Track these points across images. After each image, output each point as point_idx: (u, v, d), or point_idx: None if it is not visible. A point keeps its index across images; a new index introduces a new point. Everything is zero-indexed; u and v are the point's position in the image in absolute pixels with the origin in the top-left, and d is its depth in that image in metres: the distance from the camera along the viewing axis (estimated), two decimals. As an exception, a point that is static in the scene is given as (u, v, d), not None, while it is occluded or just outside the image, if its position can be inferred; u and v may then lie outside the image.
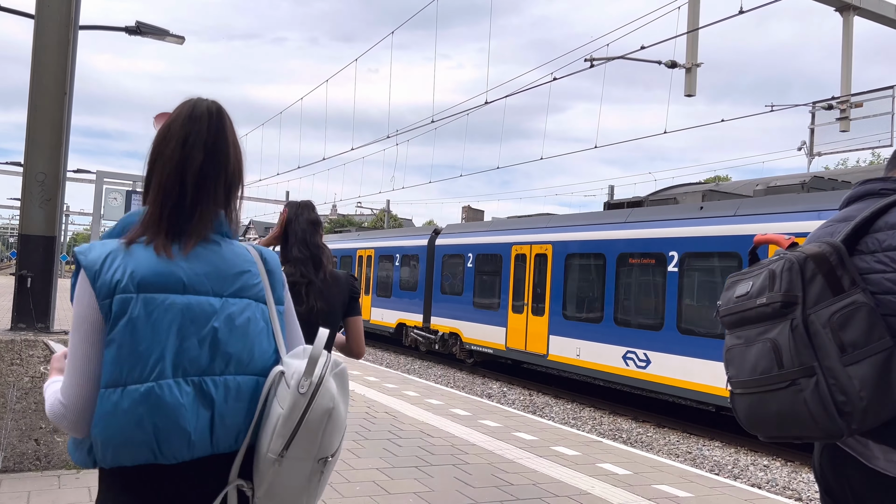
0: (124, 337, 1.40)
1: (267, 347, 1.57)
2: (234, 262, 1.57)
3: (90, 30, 12.51)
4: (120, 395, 1.38)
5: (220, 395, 1.48)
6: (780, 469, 8.72)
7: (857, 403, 1.65)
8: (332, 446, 1.51)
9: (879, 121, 11.47)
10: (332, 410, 1.48)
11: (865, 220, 1.82)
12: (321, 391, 1.47)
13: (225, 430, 1.49)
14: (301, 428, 1.45)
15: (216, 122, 1.61)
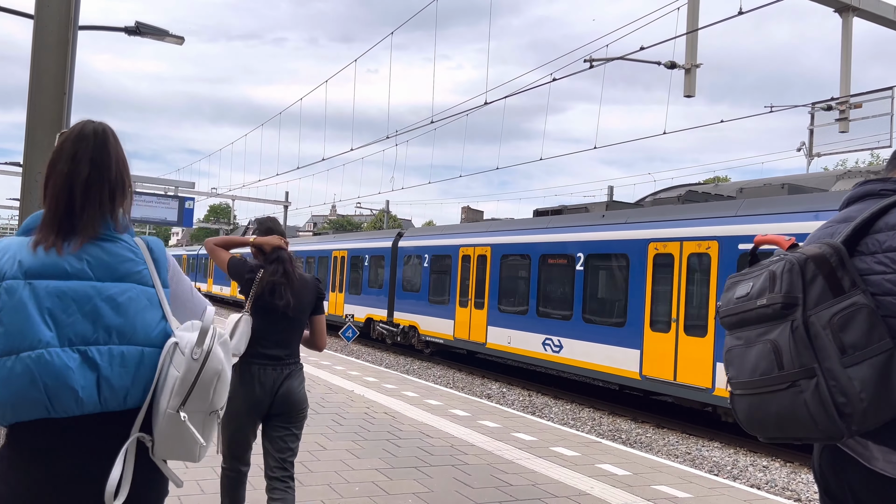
0: (13, 314, 1.67)
1: (150, 322, 1.86)
2: (118, 254, 1.88)
3: (90, 30, 12.50)
4: (14, 361, 1.64)
5: (105, 361, 1.75)
6: (780, 470, 8.73)
7: (857, 405, 1.65)
8: (221, 401, 1.85)
9: (879, 121, 11.47)
10: (221, 372, 1.82)
11: (865, 220, 1.82)
12: (211, 357, 1.79)
13: (111, 390, 1.76)
14: (195, 387, 1.76)
15: (101, 140, 1.93)
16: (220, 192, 43.03)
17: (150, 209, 24.43)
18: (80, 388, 1.69)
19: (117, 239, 1.91)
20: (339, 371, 11.59)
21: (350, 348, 19.59)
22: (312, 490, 5.08)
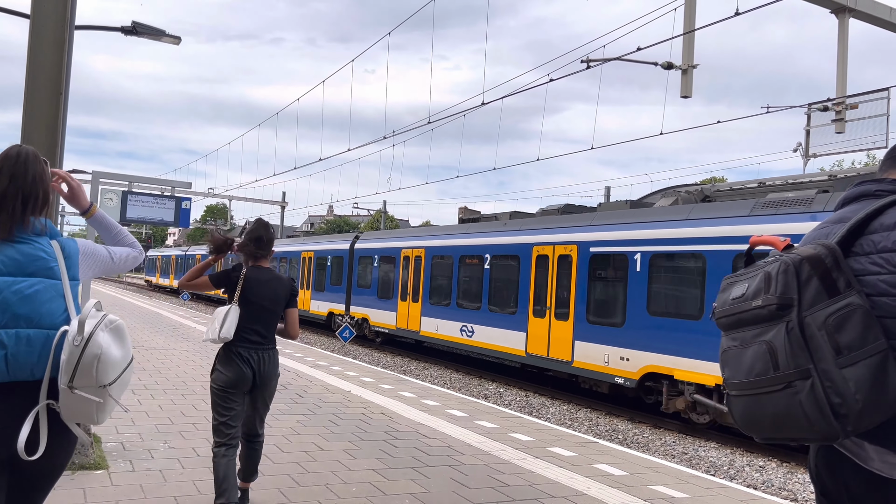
0: None
1: (55, 310, 2.30)
2: (30, 253, 2.30)
3: (86, 30, 12.47)
4: None
5: (12, 341, 2.20)
6: (776, 470, 8.74)
7: (852, 405, 1.65)
8: (108, 378, 2.26)
9: (874, 122, 11.49)
10: (101, 355, 2.23)
11: (860, 221, 1.82)
12: (91, 343, 2.22)
13: (18, 364, 2.21)
14: (78, 369, 2.20)
15: (22, 159, 2.35)
16: (217, 193, 42.96)
17: (147, 209, 24.35)
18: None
19: (31, 241, 2.33)
20: (336, 371, 11.59)
21: (347, 349, 19.57)
22: (309, 490, 5.08)
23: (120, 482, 4.98)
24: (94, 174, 24.68)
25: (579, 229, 13.13)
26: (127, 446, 5.95)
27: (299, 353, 13.91)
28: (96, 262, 2.60)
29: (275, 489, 5.06)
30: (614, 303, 12.19)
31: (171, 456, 5.74)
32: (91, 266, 2.58)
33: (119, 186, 24.76)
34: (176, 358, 11.91)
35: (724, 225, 10.32)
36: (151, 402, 7.96)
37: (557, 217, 14.52)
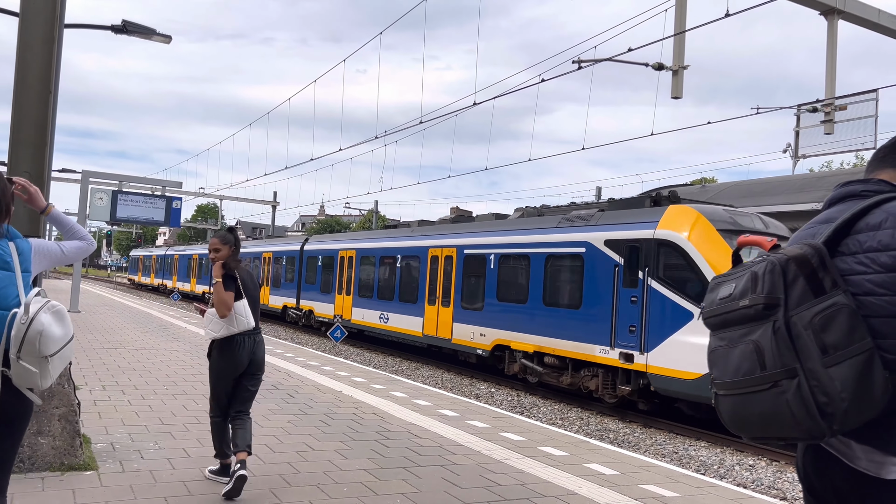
0: None
1: (9, 295, 2.82)
2: None
3: (76, 28, 12.40)
4: None
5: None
6: (765, 469, 8.79)
7: (838, 404, 1.67)
8: (49, 350, 2.79)
9: (863, 123, 11.58)
10: (42, 332, 2.77)
11: (846, 221, 1.84)
12: (34, 322, 2.77)
13: None
14: (24, 342, 2.74)
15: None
16: (208, 192, 42.80)
17: (137, 209, 24.25)
18: None
19: None
20: (328, 371, 11.57)
21: (338, 349, 19.55)
22: (300, 491, 5.08)
23: (109, 483, 4.96)
24: (84, 173, 24.50)
25: (459, 235, 16.60)
26: (117, 447, 5.92)
27: (290, 353, 13.88)
28: (48, 256, 3.18)
29: (266, 489, 5.05)
30: (477, 292, 15.50)
31: (161, 457, 5.72)
32: (43, 259, 3.15)
33: (109, 186, 24.64)
34: (167, 358, 11.87)
35: (539, 234, 13.82)
36: (142, 402, 7.93)
37: (448, 225, 18.15)
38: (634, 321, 11.33)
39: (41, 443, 5.07)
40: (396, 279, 18.95)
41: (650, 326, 11.05)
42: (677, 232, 10.91)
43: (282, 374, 10.86)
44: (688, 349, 10.38)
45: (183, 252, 43.55)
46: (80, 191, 22.99)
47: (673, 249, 10.93)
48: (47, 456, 5.09)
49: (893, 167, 1.99)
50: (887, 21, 11.64)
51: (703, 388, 10.00)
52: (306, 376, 10.86)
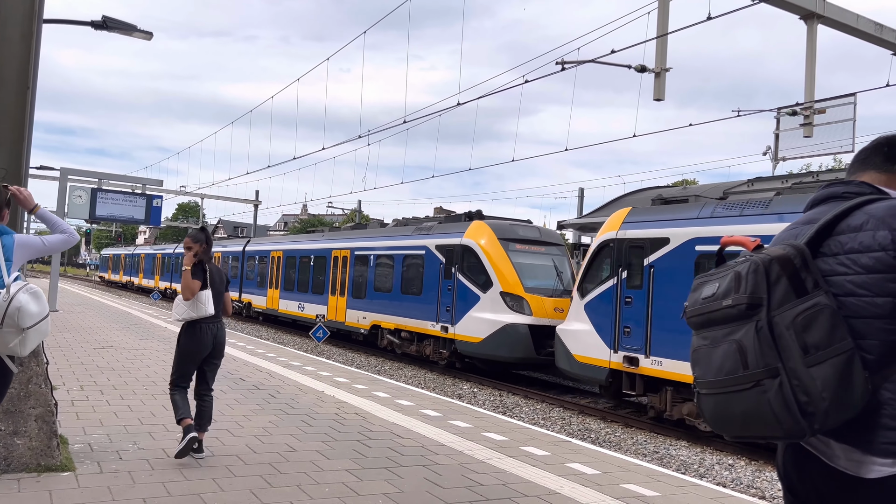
0: None
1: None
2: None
3: (55, 23, 12.24)
4: None
5: None
6: (745, 468, 8.87)
7: (819, 404, 1.68)
8: (26, 323, 3.54)
9: (841, 127, 11.71)
10: (21, 307, 3.52)
11: (828, 222, 1.86)
12: (14, 300, 3.52)
13: None
14: (5, 316, 3.48)
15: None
16: (189, 191, 42.42)
17: (117, 207, 23.96)
18: None
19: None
20: (310, 371, 11.51)
21: (321, 349, 19.46)
22: (281, 491, 5.04)
23: (87, 484, 4.89)
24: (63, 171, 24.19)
25: (353, 240, 20.91)
26: (95, 448, 5.85)
27: (272, 354, 13.80)
28: (30, 248, 3.83)
29: (246, 490, 5.01)
30: (362, 285, 19.75)
31: (140, 457, 5.66)
32: (26, 251, 3.81)
33: (88, 184, 24.33)
34: (146, 358, 11.74)
35: (400, 240, 18.45)
36: (120, 402, 7.84)
37: (348, 231, 23.37)
38: (448, 303, 15.90)
39: (17, 443, 4.99)
40: (310, 275, 23.15)
41: (457, 306, 15.60)
42: (474, 240, 15.54)
43: (263, 375, 10.79)
44: (476, 321, 14.95)
45: (148, 252, 49.04)
46: (58, 188, 22.67)
47: (470, 252, 15.54)
48: (23, 457, 5.01)
49: (874, 169, 2.01)
50: (865, 26, 11.79)
51: (484, 348, 14.73)
52: (288, 376, 10.80)
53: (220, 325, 6.00)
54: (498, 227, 15.71)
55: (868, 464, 1.73)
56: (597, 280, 12.13)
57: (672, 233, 10.88)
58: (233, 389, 9.24)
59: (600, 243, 12.16)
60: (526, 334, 14.27)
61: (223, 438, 6.50)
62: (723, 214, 10.28)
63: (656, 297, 10.96)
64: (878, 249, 1.74)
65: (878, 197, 1.87)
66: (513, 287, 14.75)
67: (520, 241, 15.66)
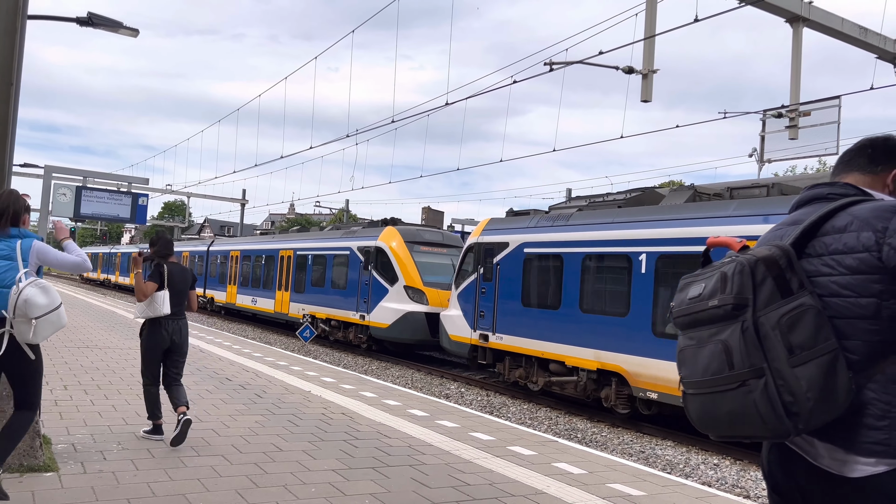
0: None
1: (10, 278, 4.14)
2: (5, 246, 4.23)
3: (40, 20, 12.12)
4: None
5: None
6: (730, 468, 8.93)
7: (804, 404, 1.69)
8: (34, 314, 4.09)
9: (826, 129, 11.81)
10: (28, 299, 4.07)
11: (813, 223, 1.87)
12: (22, 293, 4.08)
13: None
14: (16, 308, 4.08)
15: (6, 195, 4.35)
16: (176, 189, 42.15)
17: (102, 205, 23.75)
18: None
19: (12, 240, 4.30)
20: (297, 371, 11.47)
21: (307, 349, 19.39)
22: (267, 492, 5.02)
23: (70, 484, 4.84)
24: (47, 168, 23.95)
25: (296, 241, 24.19)
26: (78, 448, 5.80)
27: (258, 353, 13.74)
28: (42, 256, 4.41)
29: (232, 490, 4.99)
30: (302, 281, 22.77)
31: (124, 457, 5.61)
32: (38, 258, 4.39)
33: (73, 182, 24.09)
34: (131, 357, 11.65)
35: (332, 241, 21.60)
36: (105, 402, 7.77)
37: (294, 234, 26.99)
38: (365, 296, 18.95)
39: None
40: (262, 273, 26.08)
41: (371, 298, 18.64)
42: (385, 243, 18.61)
43: (250, 374, 10.74)
44: (385, 310, 17.92)
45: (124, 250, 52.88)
46: (42, 186, 22.45)
47: (382, 252, 18.59)
48: (5, 457, 4.95)
49: (858, 171, 2.03)
50: (850, 29, 11.91)
51: (390, 332, 17.70)
52: (274, 376, 10.75)
53: (180, 323, 6.39)
54: (406, 232, 18.87)
55: (852, 463, 1.75)
56: (465, 276, 14.86)
57: (510, 238, 13.67)
58: (219, 389, 9.18)
59: (468, 246, 14.98)
60: (423, 321, 17.32)
61: (209, 438, 6.46)
62: (543, 225, 13.10)
63: (500, 289, 13.75)
64: (862, 250, 1.75)
65: (862, 198, 1.89)
66: (414, 282, 17.76)
67: (424, 243, 18.79)
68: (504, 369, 13.66)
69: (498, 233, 14.12)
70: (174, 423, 6.06)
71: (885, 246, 1.73)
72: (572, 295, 12.00)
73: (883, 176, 2.00)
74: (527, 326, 12.92)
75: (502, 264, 13.73)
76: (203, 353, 12.95)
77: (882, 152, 2.02)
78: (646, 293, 10.64)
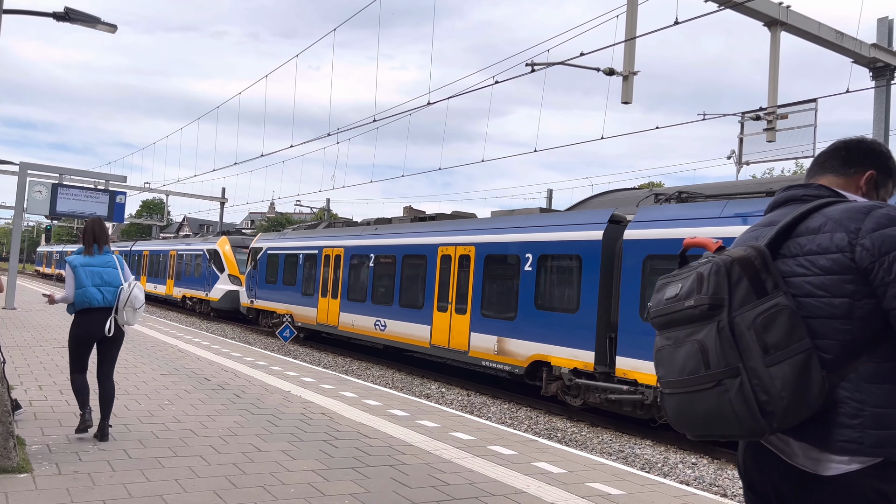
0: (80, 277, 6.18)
1: (117, 279, 6.31)
2: (107, 258, 6.39)
3: (15, 14, 11.92)
4: (82, 290, 6.12)
5: (106, 291, 6.20)
6: (707, 466, 9.02)
7: (778, 403, 1.72)
8: (137, 305, 6.27)
9: (803, 132, 11.96)
10: (136, 295, 6.27)
11: (788, 224, 1.89)
12: (130, 289, 6.28)
13: (107, 300, 6.18)
14: (128, 300, 6.22)
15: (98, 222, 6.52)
16: (154, 187, 41.69)
17: (78, 203, 23.43)
18: (99, 299, 6.14)
19: (106, 253, 6.41)
20: (276, 371, 11.40)
21: (287, 349, 19.29)
22: (246, 492, 4.98)
23: (45, 486, 4.78)
24: (22, 165, 23.58)
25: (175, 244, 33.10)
26: (53, 448, 5.71)
27: (237, 353, 13.63)
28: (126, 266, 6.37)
29: (210, 491, 4.94)
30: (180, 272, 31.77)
31: (100, 458, 5.54)
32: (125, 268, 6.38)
33: (49, 179, 23.75)
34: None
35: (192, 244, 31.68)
36: (80, 402, 7.66)
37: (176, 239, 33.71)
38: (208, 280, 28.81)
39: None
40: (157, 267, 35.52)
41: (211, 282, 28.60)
42: (219, 247, 28.55)
43: (229, 374, 10.65)
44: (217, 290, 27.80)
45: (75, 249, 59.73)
46: (17, 183, 22.10)
47: (216, 252, 28.56)
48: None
49: (832, 173, 2.06)
50: (826, 34, 12.07)
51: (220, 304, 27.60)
52: (254, 376, 10.68)
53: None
54: (232, 239, 29.61)
55: (825, 461, 1.77)
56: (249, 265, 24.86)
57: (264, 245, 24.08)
58: (197, 389, 9.10)
59: (249, 249, 25.57)
60: (237, 296, 26.78)
61: (187, 439, 6.40)
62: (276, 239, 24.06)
63: (259, 274, 23.91)
64: (836, 251, 1.78)
65: (836, 200, 1.92)
66: (234, 271, 28.07)
67: (242, 247, 28.24)
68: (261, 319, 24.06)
69: (260, 241, 24.98)
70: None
71: (858, 247, 1.76)
72: (286, 277, 22.15)
73: (856, 178, 2.04)
74: (271, 295, 22.99)
75: (260, 260, 24.15)
76: (182, 353, 12.83)
77: (856, 155, 2.05)
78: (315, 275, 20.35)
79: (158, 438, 6.35)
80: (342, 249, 18.79)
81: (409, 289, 16.07)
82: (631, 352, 10.45)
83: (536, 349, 12.27)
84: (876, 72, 12.53)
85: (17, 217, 21.82)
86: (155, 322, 20.19)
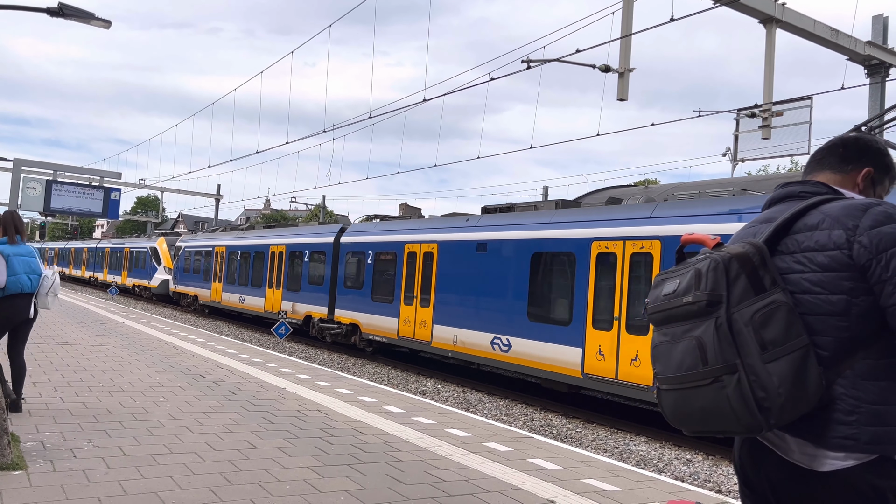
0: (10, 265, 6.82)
1: (40, 268, 7.05)
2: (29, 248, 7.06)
3: (8, 9, 11.86)
4: (16, 277, 6.79)
5: (32, 278, 6.93)
6: (702, 463, 9.05)
7: (775, 399, 1.72)
8: (57, 290, 7.16)
9: (798, 129, 11.99)
10: (56, 282, 7.12)
11: (786, 221, 1.89)
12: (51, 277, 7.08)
13: (33, 286, 6.92)
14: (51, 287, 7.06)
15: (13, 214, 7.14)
16: (149, 184, 41.59)
17: (73, 199, 23.35)
18: (28, 285, 6.86)
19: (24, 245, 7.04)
20: (272, 368, 11.39)
21: (283, 345, 19.27)
22: (241, 489, 4.97)
23: (39, 483, 4.76)
24: (16, 161, 23.50)
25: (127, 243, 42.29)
26: (48, 446, 5.70)
27: (233, 350, 13.61)
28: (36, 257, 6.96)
29: (205, 488, 4.93)
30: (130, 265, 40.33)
31: (95, 455, 5.53)
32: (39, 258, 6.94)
33: (43, 175, 23.68)
34: (102, 354, 11.48)
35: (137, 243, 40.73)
36: (75, 399, 7.65)
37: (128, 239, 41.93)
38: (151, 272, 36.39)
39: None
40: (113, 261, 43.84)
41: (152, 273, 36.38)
42: (158, 245, 36.39)
43: (224, 371, 10.64)
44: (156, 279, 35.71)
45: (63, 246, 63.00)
46: (11, 179, 22.02)
47: (156, 250, 36.25)
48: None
49: (830, 169, 2.06)
50: (822, 31, 12.10)
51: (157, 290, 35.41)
52: (249, 373, 10.67)
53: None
54: (168, 239, 36.53)
55: (821, 457, 1.77)
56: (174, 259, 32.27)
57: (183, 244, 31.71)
58: (192, 386, 9.09)
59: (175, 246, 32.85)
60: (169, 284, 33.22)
61: (182, 436, 6.39)
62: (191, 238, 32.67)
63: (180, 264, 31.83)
64: (833, 248, 1.78)
65: (833, 196, 1.92)
66: (169, 265, 34.15)
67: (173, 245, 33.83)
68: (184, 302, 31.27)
69: (180, 241, 32.70)
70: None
71: (856, 244, 1.76)
72: (196, 267, 29.65)
73: (853, 174, 2.04)
74: (187, 281, 30.56)
75: (181, 254, 31.79)
76: (176, 350, 12.80)
77: (853, 151, 2.05)
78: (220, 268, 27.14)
79: (153, 435, 6.34)
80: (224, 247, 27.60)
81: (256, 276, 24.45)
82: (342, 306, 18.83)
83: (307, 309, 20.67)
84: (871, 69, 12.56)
85: (10, 213, 21.73)
86: (150, 319, 20.15)
